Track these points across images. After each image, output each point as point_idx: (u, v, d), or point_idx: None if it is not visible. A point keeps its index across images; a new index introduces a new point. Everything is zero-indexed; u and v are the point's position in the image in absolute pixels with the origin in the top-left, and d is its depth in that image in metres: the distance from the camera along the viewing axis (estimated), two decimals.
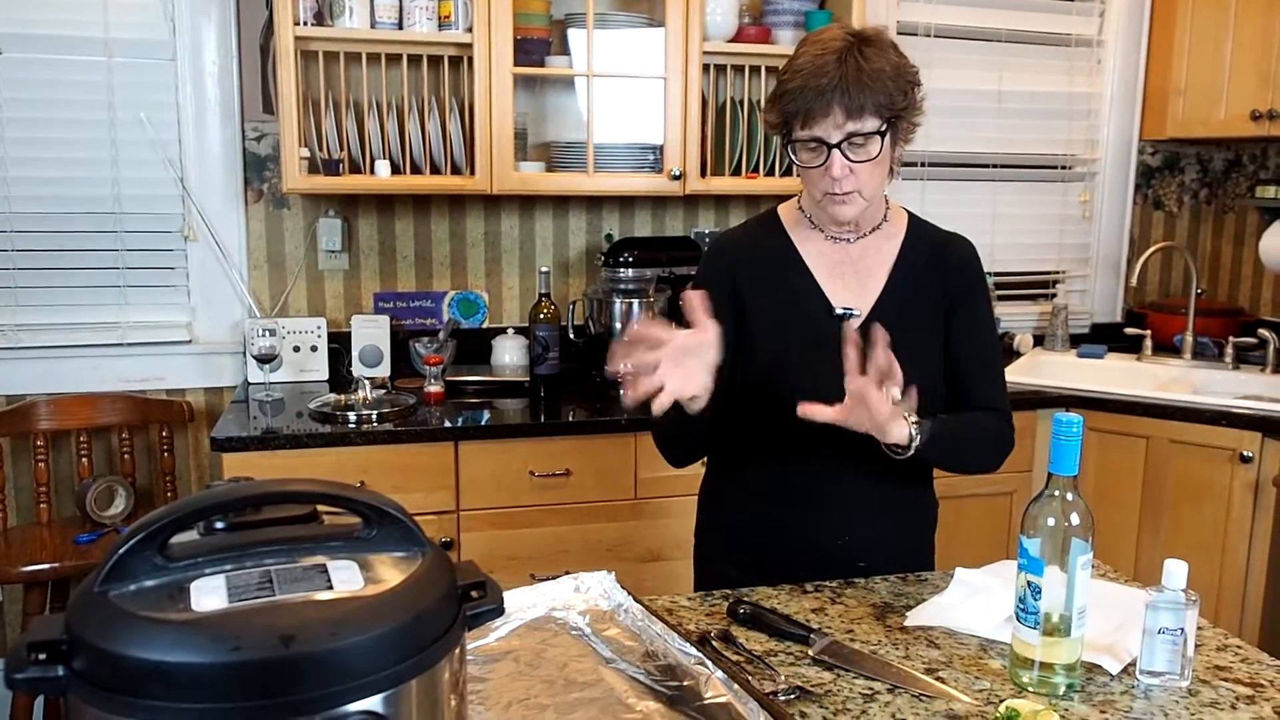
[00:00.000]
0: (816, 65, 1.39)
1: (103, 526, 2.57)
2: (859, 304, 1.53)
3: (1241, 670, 1.24)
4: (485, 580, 0.78)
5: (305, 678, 0.64)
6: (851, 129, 1.39)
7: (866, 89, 1.37)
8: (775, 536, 1.58)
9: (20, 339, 2.71)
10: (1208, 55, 3.16)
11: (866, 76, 1.38)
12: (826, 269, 1.55)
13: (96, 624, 0.65)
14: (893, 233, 1.58)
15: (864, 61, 1.38)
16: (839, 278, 1.55)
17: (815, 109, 1.39)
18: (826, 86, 1.37)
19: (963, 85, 3.31)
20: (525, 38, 2.64)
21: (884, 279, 1.54)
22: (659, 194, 2.83)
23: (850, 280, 1.54)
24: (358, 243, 2.91)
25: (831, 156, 1.40)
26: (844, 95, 1.37)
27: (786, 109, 1.42)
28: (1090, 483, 2.80)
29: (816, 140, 1.41)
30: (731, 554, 1.62)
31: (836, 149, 1.40)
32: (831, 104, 1.38)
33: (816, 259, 1.55)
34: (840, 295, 1.54)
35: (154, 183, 2.75)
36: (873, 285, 1.54)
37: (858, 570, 1.52)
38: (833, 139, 1.40)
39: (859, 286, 1.54)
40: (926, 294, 1.55)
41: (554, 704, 1.09)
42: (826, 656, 1.24)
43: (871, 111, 1.39)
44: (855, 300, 1.53)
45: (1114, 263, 3.57)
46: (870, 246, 1.56)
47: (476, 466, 2.42)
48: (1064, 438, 1.14)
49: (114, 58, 2.68)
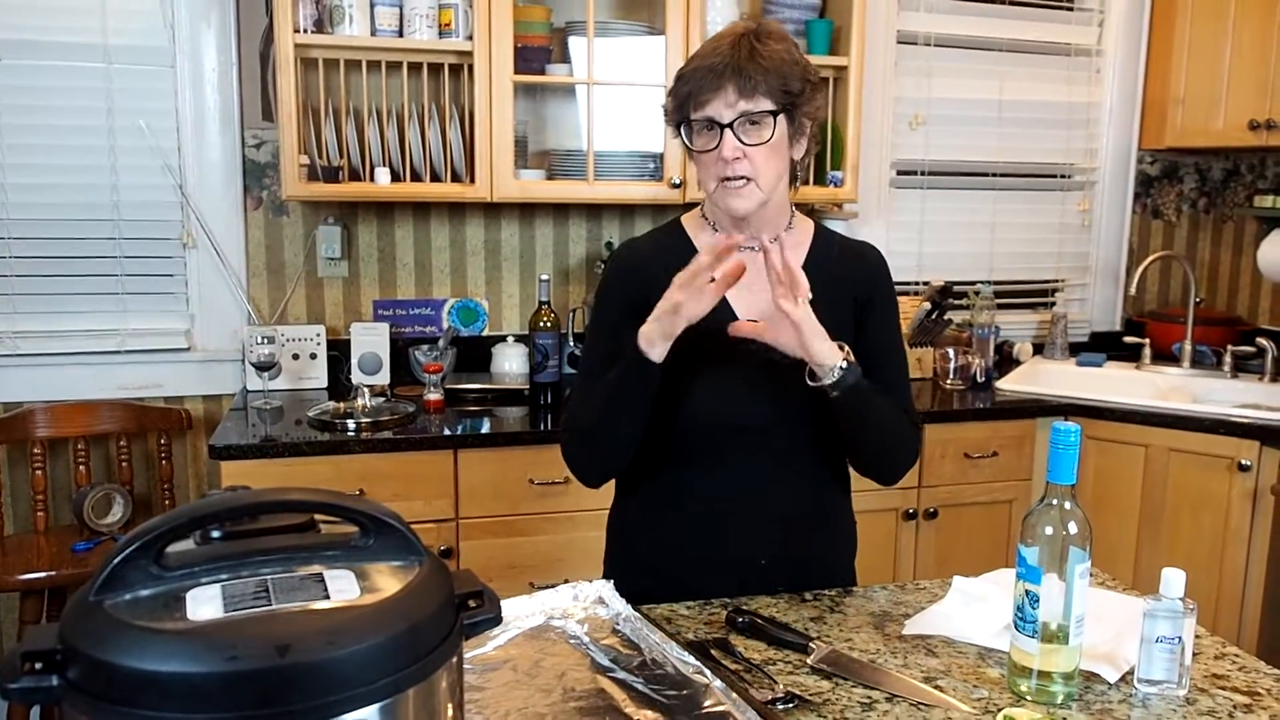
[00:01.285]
0: (712, 48, 1.41)
1: (100, 535, 2.56)
2: (764, 312, 1.46)
3: (1239, 679, 1.24)
4: (483, 589, 0.78)
5: (301, 687, 0.64)
6: (745, 108, 1.38)
7: (760, 69, 1.38)
8: (684, 552, 1.52)
9: (18, 346, 2.71)
10: (1206, 65, 3.17)
11: (760, 57, 1.38)
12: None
13: (92, 633, 0.65)
14: (798, 241, 1.55)
15: (759, 45, 1.39)
16: (743, 286, 1.46)
17: (707, 87, 1.39)
18: (718, 65, 1.38)
19: (962, 95, 3.32)
20: (525, 45, 2.65)
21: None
22: (659, 202, 2.83)
23: (756, 288, 1.48)
24: (357, 250, 2.91)
25: (724, 136, 1.39)
26: (736, 74, 1.37)
27: (680, 90, 1.42)
28: (1089, 491, 2.80)
29: (709, 120, 1.40)
30: (640, 575, 1.52)
31: (729, 128, 1.39)
32: (724, 81, 1.38)
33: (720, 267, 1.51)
34: (746, 304, 1.49)
35: (153, 190, 2.76)
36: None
37: (772, 588, 1.48)
38: (724, 118, 1.39)
39: (764, 293, 1.46)
40: (835, 303, 1.51)
41: (552, 713, 1.08)
42: (825, 665, 1.23)
43: (764, 93, 1.38)
44: (760, 309, 1.48)
45: (1113, 271, 3.57)
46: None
47: (476, 475, 2.41)
48: (1062, 446, 1.14)
49: (113, 64, 2.68)
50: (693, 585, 1.47)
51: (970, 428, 2.76)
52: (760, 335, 1.39)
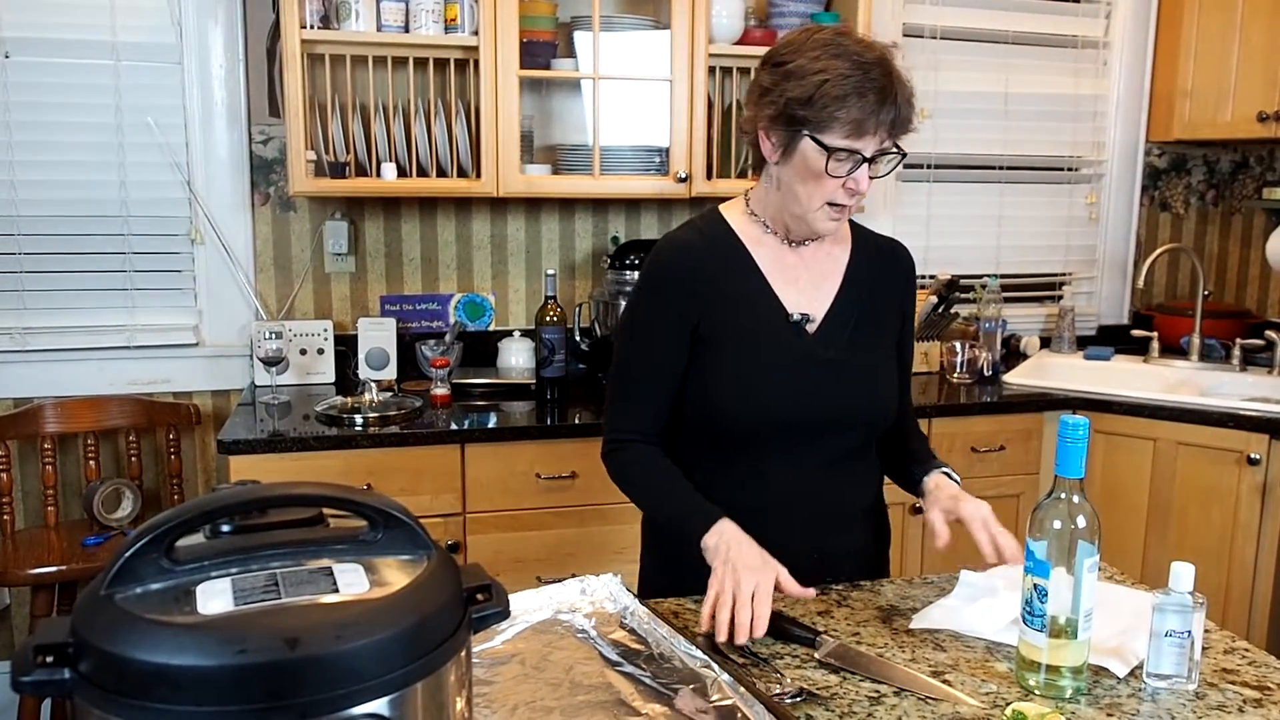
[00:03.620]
0: (869, 76, 1.33)
1: (110, 529, 2.57)
2: (813, 310, 1.50)
3: (1249, 673, 1.24)
4: (491, 583, 0.78)
5: (311, 681, 0.64)
6: (885, 145, 1.38)
7: (910, 108, 1.37)
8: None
9: (28, 342, 2.72)
10: (1215, 57, 3.15)
11: (910, 95, 1.37)
12: (780, 273, 1.50)
13: (103, 627, 0.65)
14: (840, 237, 1.56)
15: (902, 78, 1.37)
16: (793, 283, 1.51)
17: (869, 122, 1.34)
18: (880, 102, 1.34)
19: (969, 87, 3.31)
20: (531, 40, 2.64)
21: (837, 284, 1.52)
22: (665, 196, 2.83)
23: (804, 286, 1.51)
24: (364, 245, 2.91)
25: (861, 170, 1.37)
26: (893, 111, 1.35)
27: (834, 115, 1.34)
28: (1097, 485, 2.80)
29: (853, 152, 1.36)
30: (675, 569, 1.50)
31: (868, 163, 1.38)
32: (885, 120, 1.35)
33: (770, 264, 1.50)
34: (794, 301, 1.50)
35: (161, 186, 2.76)
36: (826, 290, 1.52)
37: (822, 583, 1.48)
38: (869, 153, 1.37)
39: (813, 291, 1.51)
40: (879, 300, 1.55)
41: (560, 707, 1.09)
42: (833, 659, 1.23)
43: (902, 130, 1.38)
44: (809, 306, 1.50)
45: (1121, 265, 3.56)
46: (821, 251, 1.53)
47: (483, 469, 2.42)
48: (1070, 440, 1.14)
49: (121, 61, 2.69)
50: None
51: (977, 421, 2.76)
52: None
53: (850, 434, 1.52)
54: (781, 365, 1.47)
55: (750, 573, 1.28)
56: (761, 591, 1.26)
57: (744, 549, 1.33)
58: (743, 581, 1.26)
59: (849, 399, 1.49)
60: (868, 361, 1.52)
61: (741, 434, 1.48)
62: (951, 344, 2.98)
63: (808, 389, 1.47)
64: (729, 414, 1.47)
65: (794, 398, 1.47)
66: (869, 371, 1.52)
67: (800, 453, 1.49)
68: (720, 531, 1.36)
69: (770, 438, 1.48)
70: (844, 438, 1.52)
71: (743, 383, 1.46)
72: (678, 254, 1.50)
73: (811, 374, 1.47)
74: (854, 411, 1.50)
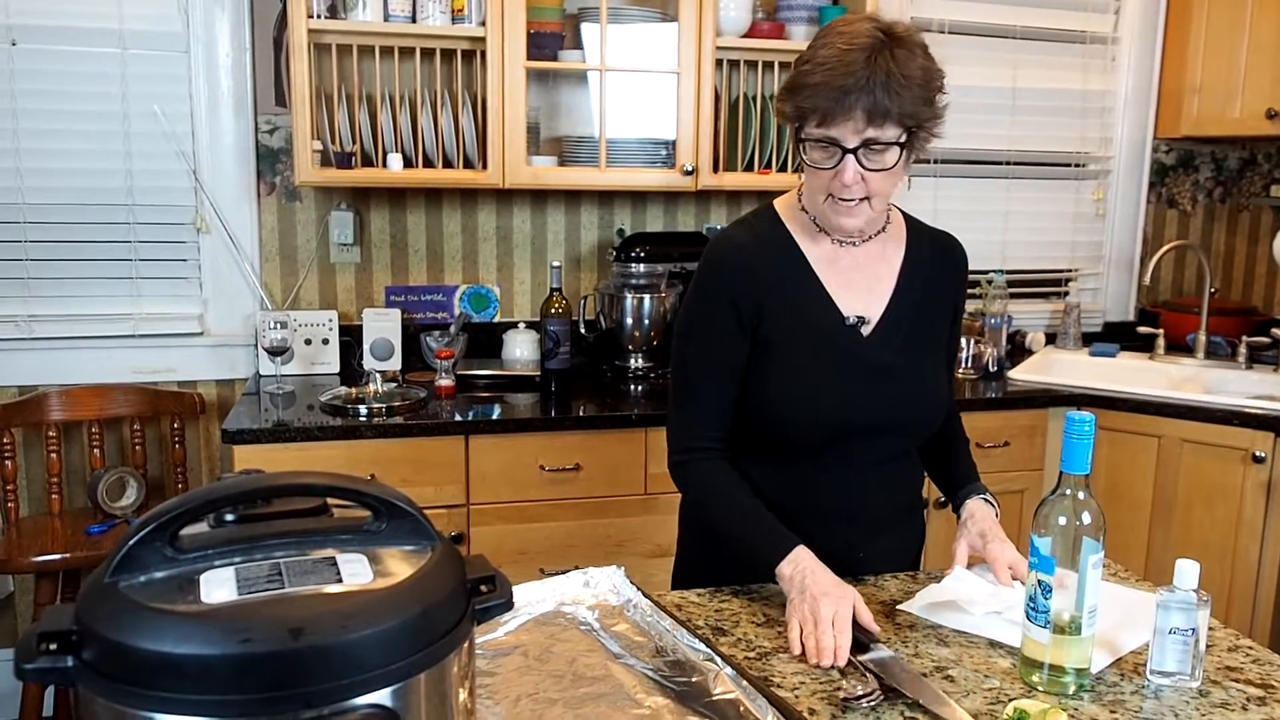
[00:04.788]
0: (843, 61, 1.27)
1: (114, 517, 2.58)
2: (868, 311, 1.47)
3: (1253, 671, 1.23)
4: (494, 574, 0.78)
5: (314, 670, 0.64)
6: (871, 135, 1.30)
7: (893, 95, 1.27)
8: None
9: (33, 330, 2.72)
10: (1223, 53, 3.14)
11: (895, 82, 1.27)
12: (834, 275, 1.46)
13: (106, 615, 0.65)
14: (895, 234, 1.52)
15: (894, 64, 1.27)
16: (847, 284, 1.47)
17: (835, 110, 1.28)
18: (851, 87, 1.27)
19: (976, 82, 3.30)
20: (538, 32, 2.64)
21: (892, 284, 1.49)
22: (671, 189, 2.82)
23: (858, 286, 1.47)
24: (369, 236, 2.91)
25: (844, 161, 1.32)
26: (868, 99, 1.27)
27: (803, 104, 1.31)
28: (1101, 482, 2.79)
29: (830, 141, 1.32)
30: (717, 561, 1.50)
31: (851, 154, 1.31)
32: (854, 107, 1.28)
33: (824, 265, 1.46)
34: (849, 302, 1.46)
35: (167, 175, 2.76)
36: (881, 290, 1.48)
37: (864, 583, 1.48)
38: (849, 143, 1.31)
39: (867, 293, 1.48)
40: (934, 299, 1.52)
41: (562, 698, 1.09)
42: (872, 665, 1.20)
43: (894, 120, 1.29)
44: (864, 307, 1.47)
45: (1127, 261, 3.55)
46: (875, 251, 1.49)
47: (487, 460, 2.42)
48: (1076, 436, 1.14)
49: (128, 50, 2.69)
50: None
51: (982, 417, 2.75)
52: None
53: (902, 436, 1.51)
54: (837, 368, 1.44)
55: (829, 601, 1.27)
56: (841, 618, 1.25)
57: (819, 576, 1.32)
58: (822, 609, 1.25)
59: (903, 402, 1.47)
60: (921, 363, 1.50)
61: (796, 437, 1.46)
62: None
63: (863, 392, 1.45)
64: (785, 417, 1.44)
65: (849, 401, 1.44)
66: (922, 373, 1.50)
67: (852, 455, 1.47)
68: (796, 561, 1.34)
69: (824, 441, 1.46)
70: (896, 440, 1.51)
71: (799, 386, 1.44)
72: (732, 252, 1.46)
73: (866, 377, 1.45)
74: (908, 414, 1.49)
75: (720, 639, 1.28)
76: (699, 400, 1.48)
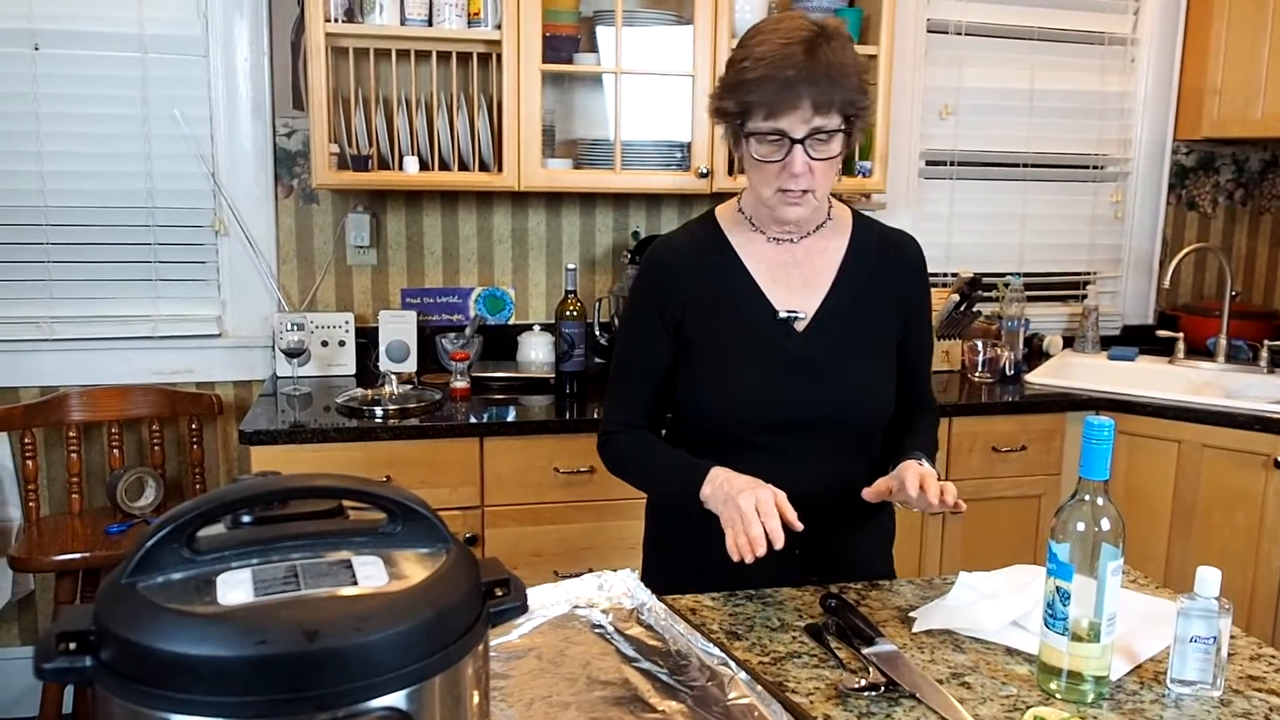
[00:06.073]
0: (784, 55, 1.32)
1: (133, 517, 2.60)
2: (804, 306, 1.48)
3: (1275, 680, 1.22)
4: (509, 577, 0.78)
5: (329, 673, 0.64)
6: (818, 124, 1.34)
7: (835, 84, 1.32)
8: (718, 541, 1.36)
9: (54, 331, 2.75)
10: (1244, 54, 3.11)
11: (836, 71, 1.32)
12: (768, 272, 1.49)
13: (124, 615, 0.66)
14: (838, 230, 1.53)
15: (833, 55, 1.33)
16: (782, 280, 1.49)
17: (783, 101, 1.32)
18: (795, 79, 1.31)
19: (993, 84, 3.28)
20: (554, 35, 2.64)
21: (830, 280, 1.50)
22: (686, 191, 2.82)
23: (795, 282, 1.50)
24: (386, 238, 2.92)
25: (793, 152, 1.35)
26: (813, 88, 1.31)
27: (748, 99, 1.35)
28: (1120, 487, 2.77)
29: (779, 133, 1.35)
30: (679, 567, 1.55)
31: (799, 145, 1.34)
32: (801, 97, 1.32)
33: (758, 262, 1.50)
34: (782, 298, 1.49)
35: (186, 177, 2.78)
36: (818, 286, 1.50)
37: (809, 582, 1.46)
38: (797, 134, 1.34)
39: (804, 288, 1.50)
40: (880, 295, 1.51)
41: (576, 702, 1.09)
42: (875, 659, 1.21)
43: (838, 108, 1.34)
44: (800, 303, 1.48)
45: (1146, 264, 3.52)
46: (815, 247, 1.51)
47: (501, 462, 2.42)
48: (1095, 441, 1.13)
49: (148, 54, 2.71)
50: (732, 573, 1.38)
51: (998, 421, 2.74)
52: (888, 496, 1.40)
53: (841, 432, 1.50)
54: (761, 365, 1.46)
55: (747, 494, 1.31)
56: (763, 503, 1.29)
57: (735, 480, 1.36)
58: (741, 503, 1.30)
59: (836, 397, 1.47)
60: (860, 358, 1.49)
61: (729, 431, 1.48)
62: (973, 343, 2.96)
63: (789, 388, 1.46)
64: (715, 412, 1.49)
65: (775, 397, 1.46)
66: (860, 369, 1.49)
67: (790, 452, 1.48)
68: (712, 479, 1.39)
69: (755, 436, 1.48)
70: (835, 436, 1.50)
71: (721, 383, 1.47)
72: (665, 255, 1.54)
73: (794, 373, 1.46)
74: (842, 410, 1.48)
75: (735, 643, 1.28)
76: (623, 388, 1.58)
